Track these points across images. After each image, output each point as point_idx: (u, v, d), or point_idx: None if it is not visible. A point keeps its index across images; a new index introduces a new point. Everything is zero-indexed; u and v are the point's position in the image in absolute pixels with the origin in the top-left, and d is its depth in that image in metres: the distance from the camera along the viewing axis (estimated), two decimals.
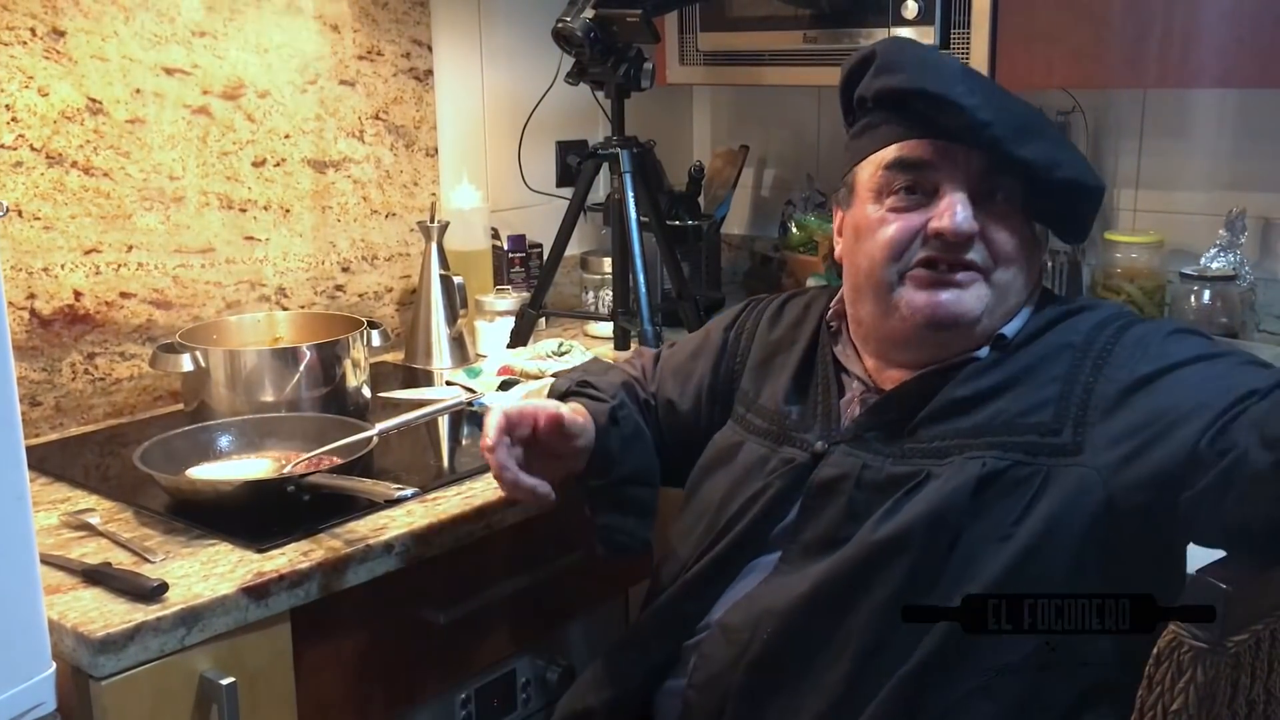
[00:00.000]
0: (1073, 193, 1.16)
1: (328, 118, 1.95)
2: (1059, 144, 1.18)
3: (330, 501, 1.32)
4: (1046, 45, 1.83)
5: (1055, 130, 1.22)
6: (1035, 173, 1.12)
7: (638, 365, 1.48)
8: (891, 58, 1.17)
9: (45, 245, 1.63)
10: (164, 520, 1.33)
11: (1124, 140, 2.16)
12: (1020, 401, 1.10)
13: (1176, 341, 1.10)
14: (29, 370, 1.63)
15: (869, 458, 1.14)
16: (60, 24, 1.61)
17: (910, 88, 1.14)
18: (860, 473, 1.13)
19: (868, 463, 1.13)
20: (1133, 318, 1.16)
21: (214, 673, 1.15)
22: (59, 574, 1.19)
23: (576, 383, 1.38)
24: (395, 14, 2.03)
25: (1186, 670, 0.82)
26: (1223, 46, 1.72)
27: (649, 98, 2.02)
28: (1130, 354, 1.09)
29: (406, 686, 1.38)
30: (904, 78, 1.14)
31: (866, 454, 1.14)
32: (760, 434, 1.26)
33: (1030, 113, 1.17)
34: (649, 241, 1.96)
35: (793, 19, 2.04)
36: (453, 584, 1.40)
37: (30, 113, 1.59)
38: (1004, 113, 1.12)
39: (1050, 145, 1.14)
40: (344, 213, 2.00)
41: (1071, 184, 1.14)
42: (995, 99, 1.13)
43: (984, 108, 1.10)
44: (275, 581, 1.19)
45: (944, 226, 1.12)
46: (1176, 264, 2.06)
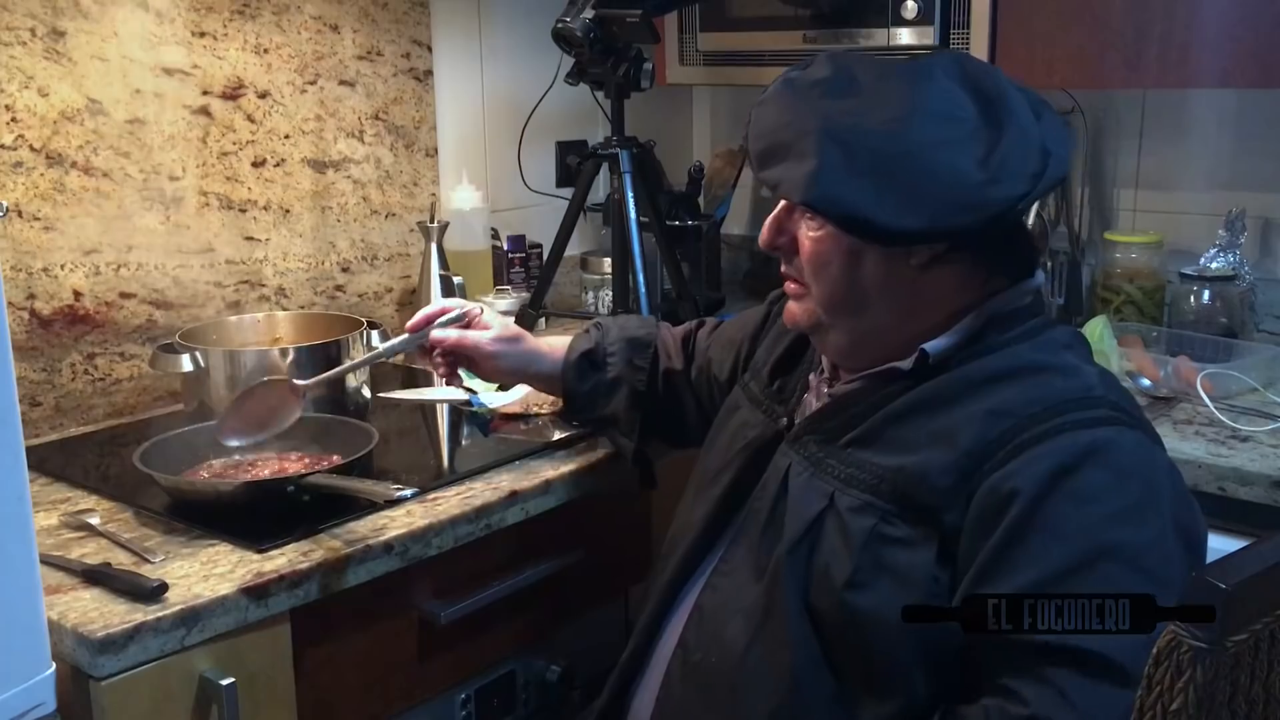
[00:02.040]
0: (820, 212, 1.08)
1: (327, 118, 1.95)
2: (823, 164, 1.05)
3: (330, 502, 1.32)
4: (1046, 45, 1.84)
5: (833, 150, 1.05)
6: (780, 193, 1.09)
7: (678, 334, 1.53)
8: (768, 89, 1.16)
9: (45, 246, 1.63)
10: (164, 520, 1.33)
11: (1124, 140, 2.16)
12: (935, 444, 1.05)
13: (1117, 528, 0.98)
14: (29, 371, 1.63)
15: (799, 461, 1.14)
16: (60, 24, 1.61)
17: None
18: (787, 473, 1.15)
19: (796, 468, 1.14)
20: (1105, 439, 1.00)
21: (214, 673, 1.15)
22: (59, 574, 1.19)
23: (595, 324, 1.55)
24: (395, 14, 2.03)
25: (1186, 670, 0.82)
26: (1222, 47, 1.72)
27: (649, 98, 2.02)
28: (1062, 501, 0.98)
29: (406, 687, 1.38)
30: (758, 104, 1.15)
31: (797, 456, 1.15)
32: (753, 400, 1.28)
33: (798, 134, 1.06)
34: (649, 242, 1.96)
35: (792, 19, 2.04)
36: (452, 584, 1.40)
37: (30, 113, 1.59)
38: (770, 136, 1.09)
39: (791, 166, 1.06)
40: (344, 213, 2.00)
41: (807, 205, 1.07)
42: (802, 119, 1.06)
43: (761, 136, 1.10)
44: (275, 582, 1.19)
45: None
46: (1176, 264, 2.06)
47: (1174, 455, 1.49)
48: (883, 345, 1.12)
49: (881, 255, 1.09)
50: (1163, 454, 1.06)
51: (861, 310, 1.12)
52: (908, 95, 1.05)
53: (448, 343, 1.46)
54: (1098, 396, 1.04)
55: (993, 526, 0.99)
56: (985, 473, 1.01)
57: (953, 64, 1.09)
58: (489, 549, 1.43)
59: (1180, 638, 0.82)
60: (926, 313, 1.11)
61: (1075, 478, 0.98)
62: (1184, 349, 1.87)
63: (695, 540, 1.23)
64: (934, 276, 1.10)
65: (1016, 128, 1.05)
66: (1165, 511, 1.00)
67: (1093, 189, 2.20)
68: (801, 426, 1.17)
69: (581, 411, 1.53)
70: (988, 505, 1.00)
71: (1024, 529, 0.98)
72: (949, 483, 1.02)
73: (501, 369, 1.51)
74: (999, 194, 1.03)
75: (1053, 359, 1.08)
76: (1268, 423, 1.61)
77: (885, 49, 1.93)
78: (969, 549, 1.00)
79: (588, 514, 1.55)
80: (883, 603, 1.03)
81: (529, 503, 1.45)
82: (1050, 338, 1.11)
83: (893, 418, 1.09)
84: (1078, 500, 0.98)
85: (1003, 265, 1.12)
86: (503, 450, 1.55)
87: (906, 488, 1.04)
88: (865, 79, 1.08)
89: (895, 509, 1.05)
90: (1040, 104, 1.11)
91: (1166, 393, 1.75)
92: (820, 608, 1.07)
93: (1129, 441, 1.02)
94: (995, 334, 1.09)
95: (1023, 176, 1.04)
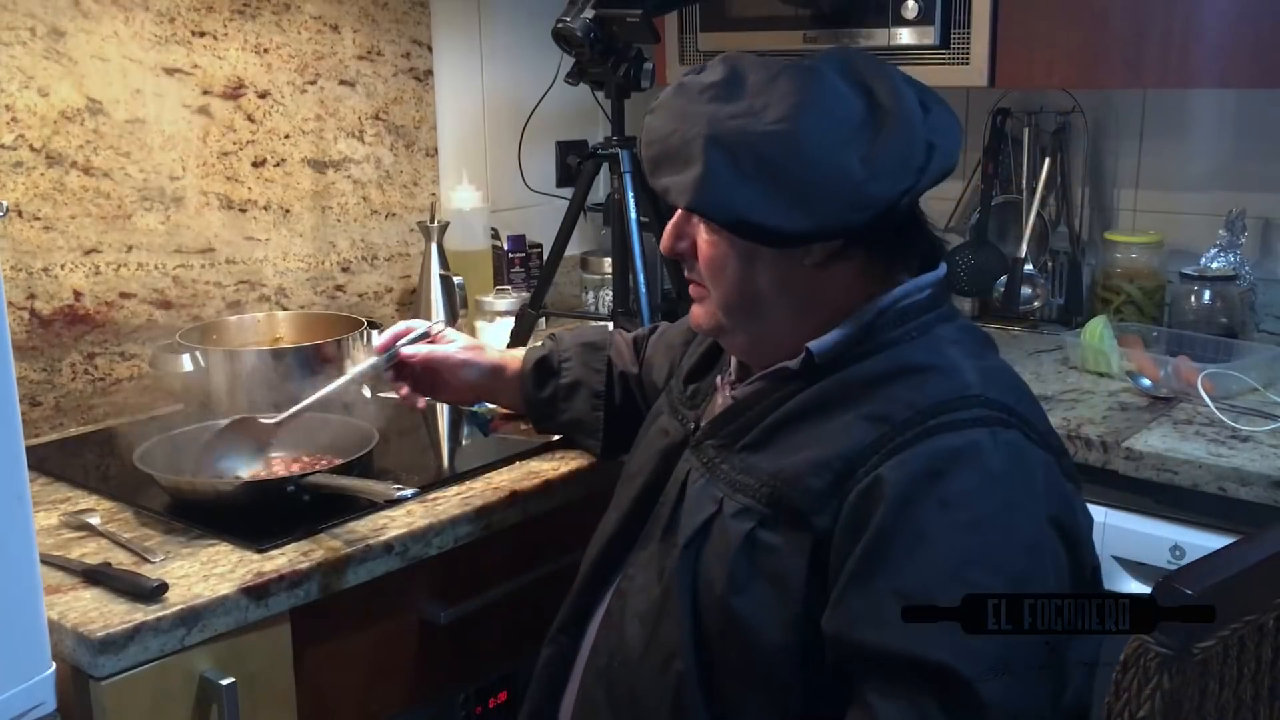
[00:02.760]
0: (709, 217, 1.09)
1: (328, 118, 1.95)
2: (708, 170, 1.04)
3: (330, 501, 1.32)
4: (1046, 45, 1.84)
5: (718, 155, 1.04)
6: (669, 200, 1.10)
7: (630, 338, 1.53)
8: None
9: (45, 245, 1.63)
10: (164, 520, 1.33)
11: (1124, 140, 2.16)
12: (812, 447, 1.05)
13: (985, 533, 0.97)
14: (29, 370, 1.63)
15: (697, 467, 1.14)
16: (60, 24, 1.61)
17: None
18: (686, 478, 1.15)
19: (694, 474, 1.14)
20: (975, 441, 0.99)
21: (214, 673, 1.15)
22: (59, 574, 1.19)
23: (550, 335, 1.56)
24: (395, 14, 2.03)
25: (1153, 677, 0.81)
26: (1222, 46, 1.72)
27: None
28: (931, 505, 0.97)
29: (406, 686, 1.38)
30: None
31: (697, 461, 1.15)
32: (670, 405, 1.28)
33: (684, 140, 1.06)
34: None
35: (792, 19, 2.04)
36: (452, 584, 1.40)
37: (30, 113, 1.59)
38: (660, 144, 1.09)
39: (679, 173, 1.07)
40: (344, 213, 2.00)
41: (694, 210, 1.08)
42: (690, 124, 1.06)
43: (652, 143, 1.10)
44: (275, 581, 1.19)
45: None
46: (1176, 264, 2.06)
47: (1174, 456, 1.51)
48: (781, 346, 1.12)
49: (776, 257, 1.09)
50: (1042, 451, 1.04)
51: (759, 312, 1.12)
52: (795, 96, 1.05)
53: (417, 359, 1.46)
54: (973, 396, 1.03)
55: (860, 532, 0.98)
56: (858, 478, 1.00)
57: (842, 62, 1.09)
58: (489, 549, 1.43)
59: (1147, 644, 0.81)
60: (823, 312, 1.10)
61: (944, 481, 0.97)
62: (1184, 349, 1.87)
63: (607, 544, 1.23)
64: (830, 275, 1.09)
65: (900, 123, 1.04)
66: (1038, 512, 0.99)
67: (1093, 189, 2.20)
68: (703, 431, 1.17)
69: (544, 419, 1.53)
70: (857, 510, 0.99)
71: (891, 534, 0.97)
72: (822, 486, 1.01)
73: (469, 381, 1.50)
74: (881, 190, 1.03)
75: (934, 358, 1.07)
76: (1268, 423, 1.61)
77: (885, 49, 1.93)
78: (839, 555, 0.99)
79: (588, 514, 1.55)
80: (760, 609, 1.02)
81: (529, 503, 1.45)
82: (936, 335, 1.09)
83: (781, 422, 1.09)
84: (945, 505, 0.97)
85: (902, 260, 1.12)
86: (503, 450, 1.55)
87: (783, 492, 1.04)
88: (754, 80, 1.08)
89: (771, 513, 1.04)
90: (930, 97, 1.10)
91: (1167, 393, 1.75)
92: (706, 614, 1.07)
93: (1002, 442, 1.00)
94: (886, 331, 1.08)
95: (906, 171, 1.04)
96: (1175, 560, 1.51)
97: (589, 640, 1.21)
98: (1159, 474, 1.52)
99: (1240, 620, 0.86)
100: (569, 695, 1.21)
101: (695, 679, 1.06)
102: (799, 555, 1.01)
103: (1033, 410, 1.08)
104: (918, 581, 0.95)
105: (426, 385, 1.50)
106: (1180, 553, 1.51)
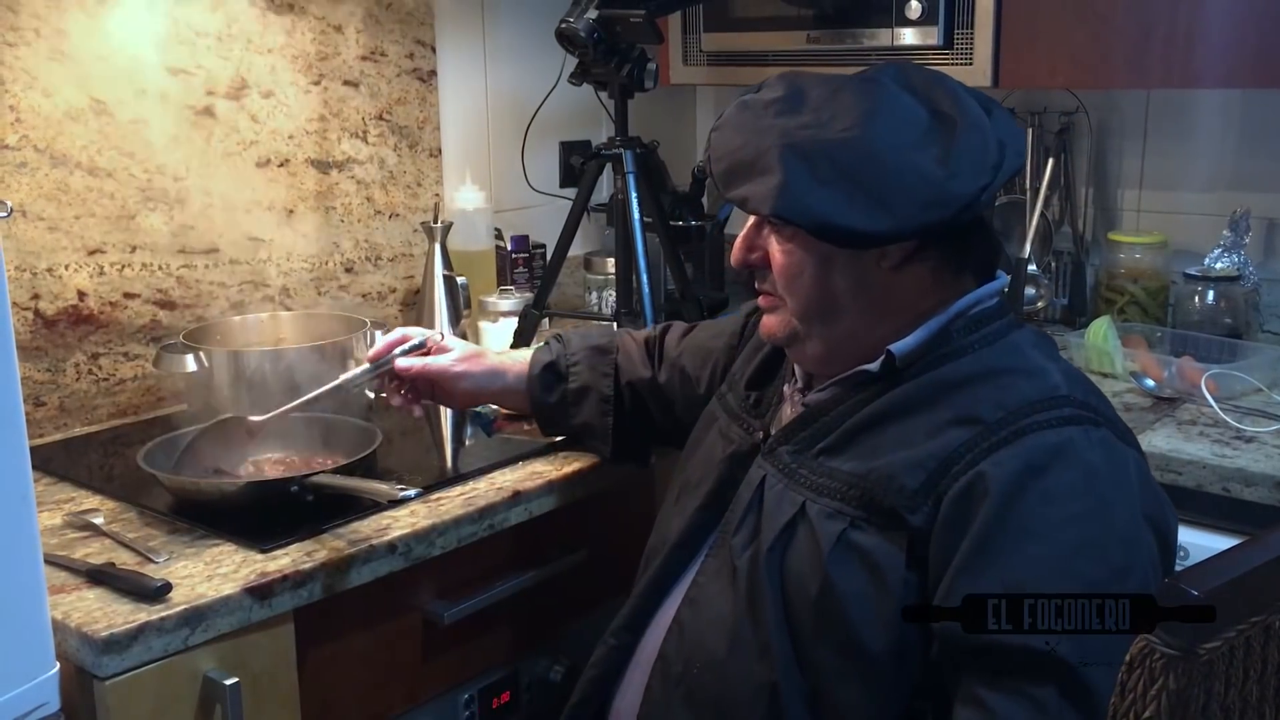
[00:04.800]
0: (792, 222, 1.10)
1: (331, 118, 1.95)
2: (788, 176, 1.06)
3: (333, 502, 1.32)
4: (1050, 45, 1.84)
5: (795, 163, 1.06)
6: (750, 208, 1.11)
7: (640, 339, 1.53)
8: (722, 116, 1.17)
9: (49, 246, 1.63)
10: (168, 520, 1.33)
11: (1128, 140, 2.16)
12: (902, 448, 1.06)
13: (1088, 525, 0.99)
14: (33, 371, 1.63)
15: (773, 473, 1.15)
16: (64, 24, 1.61)
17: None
18: (762, 484, 1.15)
19: (770, 479, 1.15)
20: (1072, 438, 1.02)
21: (217, 673, 1.16)
22: (63, 574, 1.19)
23: (556, 335, 1.56)
24: (399, 14, 2.03)
25: (1159, 678, 0.81)
26: (1227, 46, 1.72)
27: (652, 98, 2.02)
28: (1034, 501, 0.99)
29: (409, 686, 1.38)
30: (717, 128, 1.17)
31: (772, 468, 1.16)
32: (729, 413, 1.29)
33: (758, 151, 1.08)
34: (652, 242, 1.96)
35: (796, 19, 2.04)
36: (456, 584, 1.40)
37: (34, 113, 1.59)
38: (731, 157, 1.11)
39: (757, 182, 1.08)
40: (347, 213, 2.00)
41: (778, 217, 1.08)
42: (761, 137, 1.08)
43: (722, 157, 1.12)
44: (279, 581, 1.20)
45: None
46: (1180, 264, 2.06)
47: (1178, 456, 1.51)
48: (857, 350, 1.14)
49: (851, 261, 1.11)
50: (1130, 450, 1.07)
51: (835, 317, 1.14)
52: (860, 106, 1.08)
53: (413, 370, 1.46)
54: (1063, 396, 1.06)
55: (964, 528, 1.00)
56: (954, 475, 1.02)
57: (899, 73, 1.13)
58: (492, 549, 1.43)
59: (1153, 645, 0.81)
60: (898, 315, 1.13)
61: (1044, 477, 1.00)
62: (1188, 349, 1.87)
63: (672, 552, 1.23)
64: (904, 279, 1.12)
65: (970, 123, 1.07)
66: (1135, 506, 1.02)
67: (1097, 189, 2.20)
68: (776, 438, 1.18)
69: (553, 424, 1.54)
70: (958, 507, 1.01)
71: (997, 529, 0.99)
72: (916, 485, 1.03)
73: (467, 390, 1.51)
74: (962, 187, 1.06)
75: (1018, 361, 1.10)
76: (1272, 423, 1.61)
77: (889, 49, 1.93)
78: (941, 551, 1.01)
79: (591, 514, 1.55)
80: (859, 608, 1.04)
81: (532, 503, 1.45)
82: (1015, 340, 1.13)
83: (862, 425, 1.11)
84: (1049, 500, 0.99)
85: (970, 265, 1.14)
86: (506, 450, 1.55)
87: (874, 492, 1.05)
88: (816, 95, 1.11)
89: (864, 514, 1.06)
90: (990, 102, 1.13)
91: (1170, 393, 1.75)
92: (797, 615, 1.08)
93: (1096, 439, 1.03)
94: (961, 335, 1.11)
95: (983, 168, 1.07)
96: (1179, 561, 1.50)
97: (649, 643, 1.21)
98: (1163, 475, 1.52)
99: (1246, 621, 0.86)
100: (625, 693, 1.22)
101: (791, 681, 1.07)
102: (896, 553, 1.03)
103: (1112, 411, 1.11)
104: (1027, 574, 0.97)
105: (424, 393, 1.50)
106: (1184, 554, 1.50)
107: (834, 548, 1.06)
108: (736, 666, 1.10)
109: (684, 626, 1.17)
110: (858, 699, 1.04)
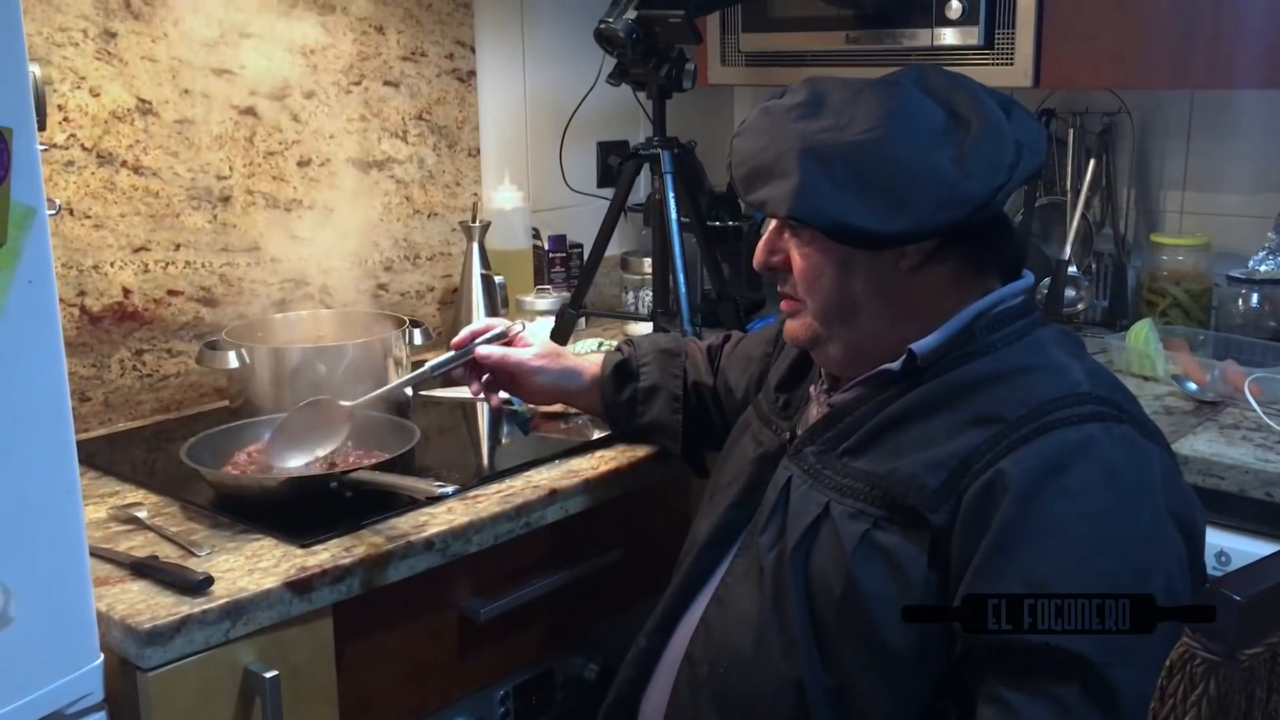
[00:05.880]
0: (807, 224, 1.10)
1: (371, 118, 1.97)
2: (804, 179, 1.07)
3: (372, 498, 1.34)
4: (1092, 45, 1.82)
5: (812, 166, 1.07)
6: (768, 211, 1.12)
7: (704, 347, 1.55)
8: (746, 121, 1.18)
9: (95, 243, 1.65)
10: (210, 515, 1.34)
11: (1171, 141, 2.13)
12: (923, 448, 1.06)
13: (1111, 523, 0.98)
14: (79, 366, 1.65)
15: (798, 474, 1.16)
16: (111, 26, 1.64)
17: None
18: (787, 485, 1.16)
19: (795, 480, 1.16)
20: (1093, 435, 1.01)
21: (258, 665, 1.17)
22: (107, 566, 1.21)
23: (626, 340, 1.60)
24: (439, 15, 2.05)
25: (1199, 683, 0.81)
26: (1270, 46, 1.69)
27: (690, 98, 2.02)
28: (1054, 498, 0.98)
29: (445, 683, 1.39)
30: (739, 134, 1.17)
31: (797, 469, 1.16)
32: (760, 417, 1.30)
33: (777, 155, 1.09)
34: (689, 242, 1.96)
35: (835, 19, 2.03)
36: (492, 581, 1.41)
37: (82, 113, 1.62)
38: (751, 161, 1.12)
39: (775, 185, 1.08)
40: (387, 212, 2.02)
41: (794, 219, 1.09)
42: (780, 141, 1.09)
43: (742, 162, 1.13)
44: (318, 576, 1.21)
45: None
46: (1224, 267, 2.04)
47: (1220, 461, 1.49)
48: (879, 351, 1.14)
49: (871, 262, 1.11)
50: (1155, 447, 1.06)
51: (855, 318, 1.14)
52: (879, 108, 1.08)
53: (492, 359, 1.50)
54: (1084, 393, 1.05)
55: (984, 526, 0.99)
56: (975, 474, 1.01)
57: (919, 76, 1.13)
58: (529, 547, 1.43)
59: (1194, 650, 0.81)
60: (919, 316, 1.13)
61: (1065, 474, 0.99)
62: (1231, 353, 1.85)
63: (701, 552, 1.24)
64: (924, 279, 1.12)
65: (986, 124, 1.07)
66: (1159, 503, 1.01)
67: (1139, 190, 2.17)
68: (801, 439, 1.18)
69: (622, 421, 1.56)
70: (978, 505, 1.00)
71: (1018, 528, 0.98)
72: (937, 484, 1.03)
73: (543, 386, 1.54)
74: (976, 187, 1.06)
75: (1040, 359, 1.09)
76: None
77: (929, 50, 1.92)
78: (962, 549, 1.01)
79: (627, 513, 1.56)
80: (882, 607, 1.04)
81: (568, 501, 1.45)
82: (1038, 337, 1.12)
83: (884, 426, 1.11)
84: (1069, 497, 0.99)
85: (991, 265, 1.14)
86: (542, 449, 1.56)
87: (896, 492, 1.05)
88: (837, 98, 1.11)
89: (886, 514, 1.06)
90: (1010, 103, 1.13)
91: (1213, 397, 1.73)
92: (822, 614, 1.08)
93: (1118, 436, 1.02)
94: (984, 334, 1.11)
95: (998, 169, 1.07)
96: (1221, 566, 1.49)
97: (676, 644, 1.22)
98: (1205, 479, 1.50)
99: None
100: (652, 694, 1.23)
101: (816, 680, 1.07)
102: (918, 552, 1.03)
103: (1137, 408, 1.10)
104: (1049, 572, 0.97)
105: (501, 385, 1.53)
106: (1226, 559, 1.49)
107: (857, 548, 1.06)
108: (762, 665, 1.10)
109: (711, 626, 1.17)
110: (881, 697, 1.04)
